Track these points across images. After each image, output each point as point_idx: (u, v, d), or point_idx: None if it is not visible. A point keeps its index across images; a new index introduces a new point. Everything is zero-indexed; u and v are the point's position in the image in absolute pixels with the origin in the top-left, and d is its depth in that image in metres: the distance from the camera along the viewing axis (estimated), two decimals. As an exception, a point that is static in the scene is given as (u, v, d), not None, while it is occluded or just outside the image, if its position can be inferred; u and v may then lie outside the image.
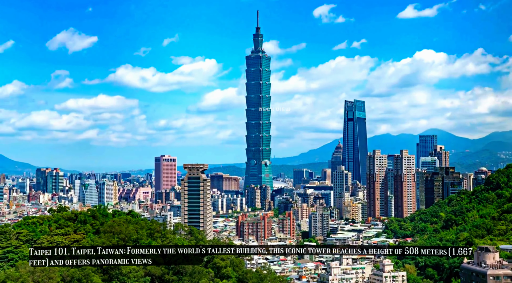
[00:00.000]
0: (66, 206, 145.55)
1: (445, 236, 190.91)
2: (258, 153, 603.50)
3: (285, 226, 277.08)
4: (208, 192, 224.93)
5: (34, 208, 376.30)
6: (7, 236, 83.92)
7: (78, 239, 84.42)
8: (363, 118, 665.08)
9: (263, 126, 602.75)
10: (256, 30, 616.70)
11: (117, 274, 69.74)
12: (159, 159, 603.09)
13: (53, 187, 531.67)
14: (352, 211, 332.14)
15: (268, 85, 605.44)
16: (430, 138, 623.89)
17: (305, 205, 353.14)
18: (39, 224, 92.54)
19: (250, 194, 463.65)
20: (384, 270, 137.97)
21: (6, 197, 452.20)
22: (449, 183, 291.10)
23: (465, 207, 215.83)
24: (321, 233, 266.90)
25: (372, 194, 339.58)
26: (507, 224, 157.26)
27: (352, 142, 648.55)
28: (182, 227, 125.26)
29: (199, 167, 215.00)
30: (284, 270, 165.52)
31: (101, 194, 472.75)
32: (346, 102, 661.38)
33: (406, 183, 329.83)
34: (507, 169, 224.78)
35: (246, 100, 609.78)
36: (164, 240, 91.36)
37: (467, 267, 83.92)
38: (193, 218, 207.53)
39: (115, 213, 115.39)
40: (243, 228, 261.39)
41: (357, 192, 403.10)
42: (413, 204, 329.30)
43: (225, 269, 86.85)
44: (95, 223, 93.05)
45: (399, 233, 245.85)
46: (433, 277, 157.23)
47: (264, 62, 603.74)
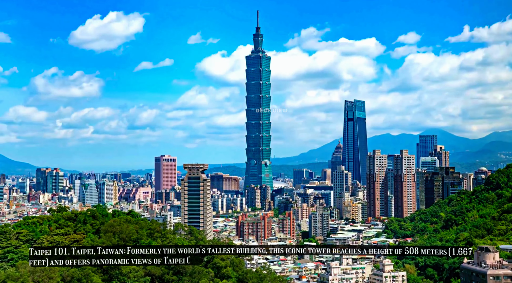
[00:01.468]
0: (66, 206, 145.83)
1: (445, 236, 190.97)
2: (258, 153, 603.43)
3: (285, 226, 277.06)
4: (208, 192, 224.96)
5: (34, 208, 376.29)
6: (7, 236, 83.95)
7: (78, 239, 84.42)
8: (363, 118, 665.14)
9: (263, 126, 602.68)
10: (256, 30, 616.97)
11: (117, 274, 69.73)
12: (159, 159, 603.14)
13: (53, 187, 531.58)
14: (352, 211, 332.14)
15: (268, 85, 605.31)
16: (430, 138, 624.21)
17: (305, 205, 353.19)
18: (39, 224, 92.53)
19: (250, 194, 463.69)
20: (384, 270, 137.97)
21: (6, 197, 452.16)
22: (449, 183, 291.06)
23: (465, 207, 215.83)
24: (321, 233, 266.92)
25: (372, 194, 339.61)
26: (507, 224, 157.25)
27: (352, 142, 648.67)
28: (182, 227, 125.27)
29: (199, 167, 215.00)
30: (284, 270, 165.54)
31: (101, 194, 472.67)
32: (346, 102, 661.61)
33: (406, 183, 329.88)
34: (507, 169, 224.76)
35: (246, 100, 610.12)
36: (164, 240, 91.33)
37: (467, 267, 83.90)
38: (193, 218, 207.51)
39: (115, 213, 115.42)
40: (243, 228, 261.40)
41: (357, 192, 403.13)
42: (413, 204, 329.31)
43: (225, 269, 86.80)
44: (95, 223, 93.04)
45: (399, 233, 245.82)
46: (433, 277, 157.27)
47: (264, 62, 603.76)
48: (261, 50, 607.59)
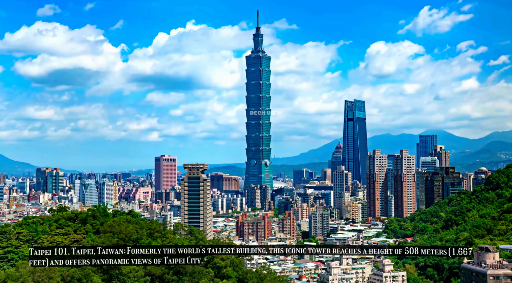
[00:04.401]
0: (66, 206, 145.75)
1: (445, 236, 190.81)
2: (258, 153, 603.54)
3: (285, 226, 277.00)
4: (208, 192, 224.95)
5: (34, 208, 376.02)
6: (7, 236, 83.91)
7: (78, 239, 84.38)
8: (363, 118, 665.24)
9: (263, 126, 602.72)
10: (256, 30, 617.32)
11: (117, 274, 69.72)
12: (159, 159, 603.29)
13: (53, 187, 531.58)
14: (352, 211, 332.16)
15: (268, 85, 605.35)
16: (430, 138, 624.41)
17: (305, 205, 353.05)
18: (39, 224, 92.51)
19: (250, 194, 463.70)
20: (384, 270, 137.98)
21: (6, 197, 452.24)
22: (449, 183, 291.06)
23: (465, 207, 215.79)
24: (321, 233, 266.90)
25: (372, 194, 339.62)
26: (507, 224, 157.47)
27: (352, 142, 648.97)
28: (182, 227, 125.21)
29: (199, 167, 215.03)
30: (284, 270, 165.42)
31: (101, 194, 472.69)
32: (346, 102, 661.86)
33: (406, 183, 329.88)
34: (507, 169, 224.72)
35: (246, 100, 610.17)
36: (164, 240, 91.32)
37: (467, 267, 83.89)
38: (193, 218, 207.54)
39: (115, 213, 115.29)
40: (243, 228, 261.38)
41: (357, 192, 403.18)
42: (413, 204, 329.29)
43: (225, 269, 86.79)
44: (95, 223, 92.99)
45: (399, 233, 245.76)
46: (433, 277, 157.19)
47: (264, 62, 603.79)
48: (261, 50, 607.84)
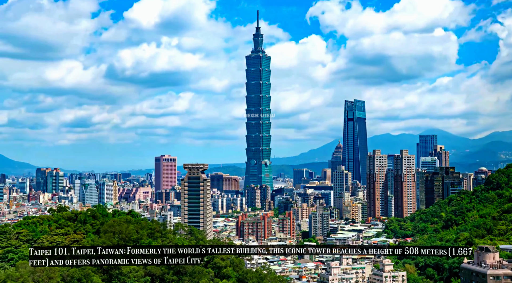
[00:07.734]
0: (66, 206, 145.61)
1: (445, 236, 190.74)
2: (258, 153, 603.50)
3: (285, 226, 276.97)
4: (208, 192, 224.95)
5: (34, 208, 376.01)
6: (7, 236, 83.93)
7: (78, 239, 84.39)
8: (363, 118, 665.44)
9: (263, 126, 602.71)
10: (256, 30, 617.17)
11: (117, 274, 69.69)
12: (159, 159, 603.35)
13: (53, 187, 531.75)
14: (352, 211, 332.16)
15: (268, 85, 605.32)
16: (430, 138, 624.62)
17: (305, 205, 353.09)
18: (39, 224, 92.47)
19: (250, 194, 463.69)
20: (384, 270, 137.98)
21: (6, 197, 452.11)
22: (449, 183, 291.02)
23: (465, 207, 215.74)
24: (321, 233, 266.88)
25: (372, 194, 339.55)
26: (507, 224, 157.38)
27: (352, 142, 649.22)
28: (182, 227, 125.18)
29: (199, 167, 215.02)
30: (284, 270, 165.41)
31: (101, 194, 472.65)
32: (346, 102, 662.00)
33: (406, 183, 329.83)
34: (507, 169, 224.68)
35: (246, 100, 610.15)
36: (164, 240, 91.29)
37: (467, 267, 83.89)
38: (193, 218, 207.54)
39: (115, 213, 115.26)
40: (243, 228, 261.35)
41: (357, 192, 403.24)
42: (413, 204, 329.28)
43: (225, 269, 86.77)
44: (95, 223, 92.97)
45: (399, 233, 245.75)
46: (433, 277, 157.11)
47: (264, 62, 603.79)
48: (261, 50, 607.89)
